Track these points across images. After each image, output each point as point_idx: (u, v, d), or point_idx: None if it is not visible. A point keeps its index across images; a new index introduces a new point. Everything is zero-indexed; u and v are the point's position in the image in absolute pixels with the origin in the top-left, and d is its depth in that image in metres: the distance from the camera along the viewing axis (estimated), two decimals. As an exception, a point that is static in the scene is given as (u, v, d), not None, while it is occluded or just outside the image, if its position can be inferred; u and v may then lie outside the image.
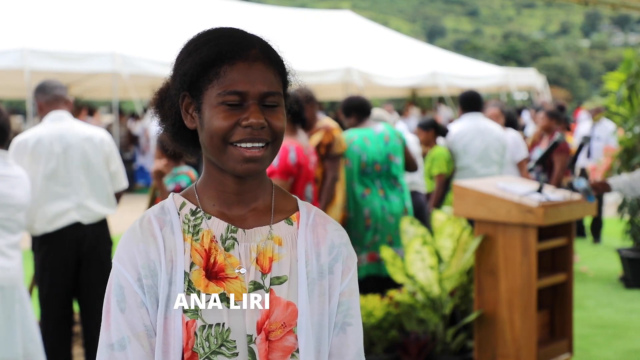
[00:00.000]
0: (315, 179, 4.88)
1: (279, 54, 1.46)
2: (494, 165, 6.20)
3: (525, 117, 14.44)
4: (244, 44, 1.40)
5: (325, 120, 5.16)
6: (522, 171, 6.48)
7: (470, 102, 6.31)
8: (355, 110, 5.49)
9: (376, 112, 6.06)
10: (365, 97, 5.81)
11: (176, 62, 1.45)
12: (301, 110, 4.41)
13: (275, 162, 4.16)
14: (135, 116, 16.75)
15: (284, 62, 1.46)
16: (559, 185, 6.46)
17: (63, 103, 4.25)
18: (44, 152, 4.14)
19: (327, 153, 4.95)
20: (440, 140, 6.33)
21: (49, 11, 11.95)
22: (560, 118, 7.25)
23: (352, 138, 5.35)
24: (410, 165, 5.57)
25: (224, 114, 1.37)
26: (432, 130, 6.29)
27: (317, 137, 4.96)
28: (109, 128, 15.01)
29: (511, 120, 7.25)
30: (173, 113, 1.46)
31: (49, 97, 4.21)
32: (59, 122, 4.21)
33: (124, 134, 15.28)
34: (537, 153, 7.16)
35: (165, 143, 1.53)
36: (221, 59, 1.38)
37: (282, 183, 4.20)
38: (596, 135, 9.64)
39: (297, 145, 4.42)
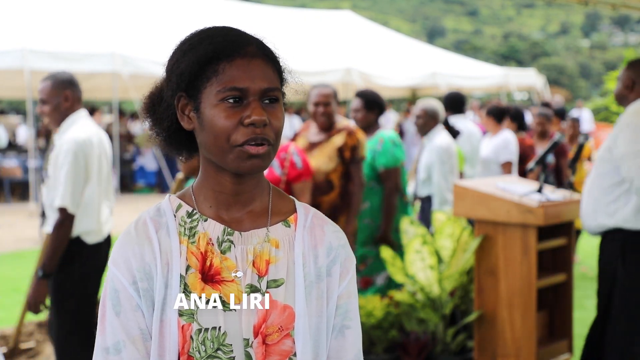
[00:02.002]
0: (332, 184, 4.66)
1: (275, 51, 1.44)
2: (477, 166, 6.41)
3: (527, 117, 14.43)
4: (241, 41, 1.38)
5: (344, 121, 4.85)
6: (505, 172, 6.49)
7: (456, 103, 6.52)
8: (379, 106, 5.27)
9: (431, 103, 5.76)
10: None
11: (170, 63, 1.42)
12: None
13: (300, 164, 3.98)
14: (135, 116, 16.75)
15: (280, 60, 1.44)
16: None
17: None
18: (104, 152, 3.96)
19: (353, 156, 4.67)
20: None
21: (49, 11, 11.95)
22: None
23: (393, 139, 5.14)
24: None
25: (225, 112, 1.35)
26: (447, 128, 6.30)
27: (339, 139, 4.67)
28: (108, 128, 15.02)
29: (519, 119, 7.18)
30: (169, 115, 1.43)
31: (79, 94, 3.97)
32: (91, 121, 4.02)
33: (124, 134, 15.26)
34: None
35: (160, 147, 1.50)
36: (218, 56, 1.36)
37: (308, 184, 4.01)
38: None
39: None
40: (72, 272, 3.82)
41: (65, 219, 3.73)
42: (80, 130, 3.85)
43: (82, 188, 3.80)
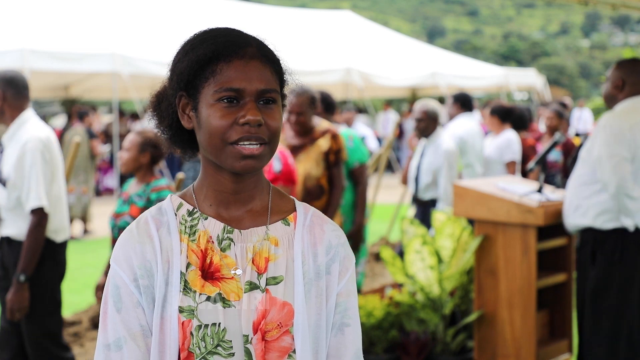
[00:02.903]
0: (323, 189, 4.65)
1: (275, 52, 1.46)
2: (483, 164, 6.55)
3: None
4: (240, 42, 1.40)
5: (324, 123, 4.80)
6: (510, 172, 6.53)
7: (467, 102, 6.72)
8: (334, 107, 5.28)
9: (431, 104, 5.71)
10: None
11: (173, 63, 1.45)
12: None
13: (278, 167, 3.91)
14: (135, 116, 16.75)
15: (280, 61, 1.46)
16: None
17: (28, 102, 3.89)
18: (59, 150, 3.91)
19: (337, 159, 4.67)
20: None
21: (49, 11, 11.95)
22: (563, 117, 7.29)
23: (359, 136, 5.18)
24: None
25: (221, 112, 1.37)
26: None
27: (325, 143, 4.64)
28: (108, 128, 15.02)
29: (521, 119, 7.22)
30: (170, 114, 1.46)
31: (21, 93, 3.79)
32: (40, 120, 3.90)
33: (124, 134, 15.28)
34: None
35: (162, 145, 1.53)
36: (217, 57, 1.38)
37: (287, 190, 3.90)
38: None
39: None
40: (42, 273, 3.75)
41: (42, 219, 3.68)
42: (38, 129, 3.77)
43: (50, 186, 3.74)
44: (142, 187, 3.83)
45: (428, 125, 5.63)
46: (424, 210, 5.64)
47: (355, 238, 5.05)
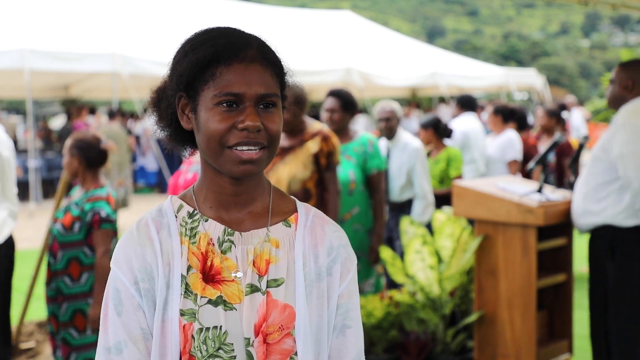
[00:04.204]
0: (309, 192, 4.36)
1: (277, 54, 1.44)
2: (485, 162, 6.63)
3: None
4: (241, 45, 1.39)
5: (317, 125, 4.50)
6: (511, 171, 6.56)
7: (470, 103, 6.85)
8: (354, 107, 4.99)
9: (393, 104, 5.62)
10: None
11: (173, 62, 1.43)
12: None
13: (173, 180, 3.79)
14: (135, 116, 16.75)
15: (282, 63, 1.44)
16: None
17: None
18: None
19: (329, 163, 4.37)
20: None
21: (49, 11, 11.96)
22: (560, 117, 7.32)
23: (378, 141, 5.13)
24: None
25: (220, 116, 1.36)
26: (431, 130, 6.23)
27: (314, 145, 4.37)
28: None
29: (523, 120, 7.26)
30: (169, 113, 1.45)
31: None
32: None
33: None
34: None
35: (162, 143, 1.53)
36: (217, 60, 1.37)
37: None
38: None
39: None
40: None
41: None
42: None
43: None
44: (82, 194, 3.72)
45: (395, 124, 5.53)
46: (401, 212, 5.49)
47: (376, 249, 4.77)
